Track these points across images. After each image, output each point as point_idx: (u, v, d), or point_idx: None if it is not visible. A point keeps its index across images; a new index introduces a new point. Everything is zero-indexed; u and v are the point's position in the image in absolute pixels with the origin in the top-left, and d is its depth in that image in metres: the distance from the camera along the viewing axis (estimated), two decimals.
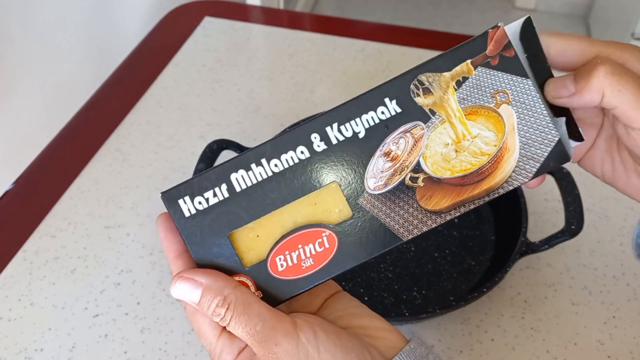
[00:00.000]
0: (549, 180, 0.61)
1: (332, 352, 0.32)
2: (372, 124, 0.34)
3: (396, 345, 0.34)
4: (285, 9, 1.11)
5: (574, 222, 0.55)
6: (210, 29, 0.95)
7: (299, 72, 0.86)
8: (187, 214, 0.34)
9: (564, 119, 0.35)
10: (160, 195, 0.34)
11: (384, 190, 0.34)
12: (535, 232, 0.63)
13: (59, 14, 1.01)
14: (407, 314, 0.55)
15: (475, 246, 0.61)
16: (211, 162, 0.62)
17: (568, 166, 0.60)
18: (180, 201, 0.34)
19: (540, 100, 0.34)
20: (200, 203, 0.34)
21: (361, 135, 0.34)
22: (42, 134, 0.78)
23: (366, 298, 0.57)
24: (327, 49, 0.90)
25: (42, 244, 0.63)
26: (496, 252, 0.60)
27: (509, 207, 0.60)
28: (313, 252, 0.34)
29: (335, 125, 0.34)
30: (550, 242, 0.55)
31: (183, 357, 0.54)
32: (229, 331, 0.33)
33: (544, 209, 0.66)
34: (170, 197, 0.34)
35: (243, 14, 0.99)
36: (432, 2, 2.53)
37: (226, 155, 0.65)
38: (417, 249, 0.61)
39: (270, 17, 1.00)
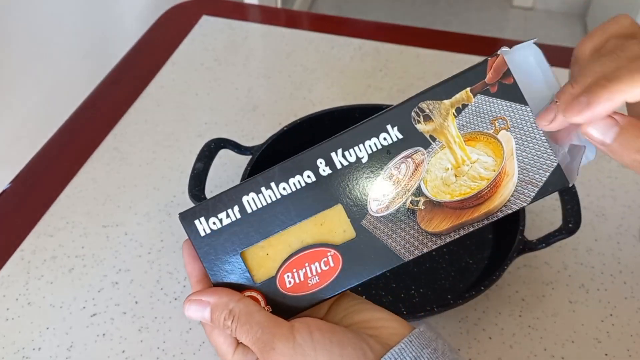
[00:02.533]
0: None
1: (328, 348, 0.33)
2: (374, 149, 0.35)
3: (398, 332, 0.35)
4: (282, 8, 1.11)
5: (572, 220, 0.55)
6: (208, 27, 0.95)
7: (297, 70, 0.86)
8: (202, 234, 0.36)
9: (566, 147, 0.35)
10: (178, 216, 0.37)
11: (386, 213, 0.36)
12: (533, 230, 0.63)
13: (56, 12, 1.01)
14: (405, 313, 0.55)
15: (472, 244, 0.61)
16: (209, 161, 0.62)
17: None
18: (197, 222, 0.36)
19: (538, 127, 0.34)
20: (214, 223, 0.36)
21: (364, 160, 0.35)
22: (39, 133, 0.78)
23: (364, 296, 0.57)
24: (325, 47, 0.90)
25: (39, 243, 0.63)
26: (494, 250, 0.61)
27: None
28: (319, 271, 0.36)
29: (339, 151, 0.35)
30: (548, 240, 0.55)
31: (181, 356, 0.54)
32: (242, 347, 0.35)
33: (542, 208, 0.66)
34: (187, 217, 0.36)
35: (241, 12, 0.99)
36: (430, 0, 2.53)
37: (224, 154, 0.65)
38: None
39: (268, 16, 1.00)
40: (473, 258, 0.60)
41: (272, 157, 0.63)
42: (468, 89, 0.35)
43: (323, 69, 0.86)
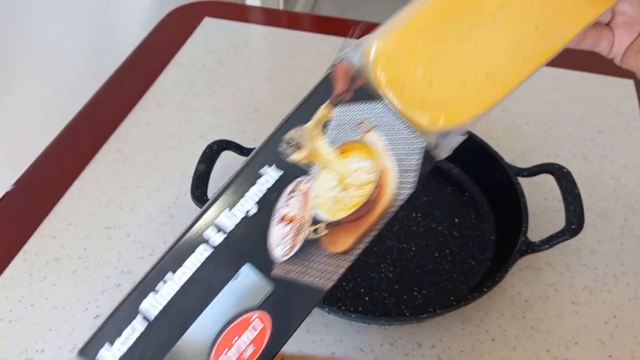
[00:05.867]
0: (550, 180, 0.61)
1: None
2: (260, 196, 0.34)
3: None
4: (284, 10, 1.11)
5: (574, 221, 0.55)
6: (210, 29, 0.95)
7: (298, 72, 0.86)
8: None
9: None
10: (76, 355, 0.32)
11: (292, 253, 0.35)
12: (536, 231, 0.63)
13: (59, 14, 1.01)
14: (407, 314, 0.55)
15: (475, 246, 0.61)
16: (211, 163, 0.62)
17: (569, 166, 0.60)
18: (102, 351, 0.33)
19: (398, 116, 0.35)
20: (122, 343, 0.33)
21: (253, 212, 0.34)
22: (42, 135, 0.78)
23: (367, 298, 0.57)
24: (327, 49, 0.90)
25: (42, 245, 0.63)
26: (496, 251, 0.60)
27: (509, 206, 0.60)
28: (251, 338, 0.34)
29: (226, 212, 0.34)
30: (551, 241, 0.55)
31: None
32: None
33: (544, 209, 0.66)
34: (90, 351, 0.32)
35: (243, 14, 0.99)
36: None
37: (227, 155, 0.65)
38: (417, 249, 0.61)
39: (270, 17, 1.00)
40: (476, 259, 0.60)
41: None
42: (324, 104, 0.35)
43: (324, 70, 0.86)
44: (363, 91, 0.35)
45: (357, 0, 2.54)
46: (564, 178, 0.58)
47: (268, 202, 0.34)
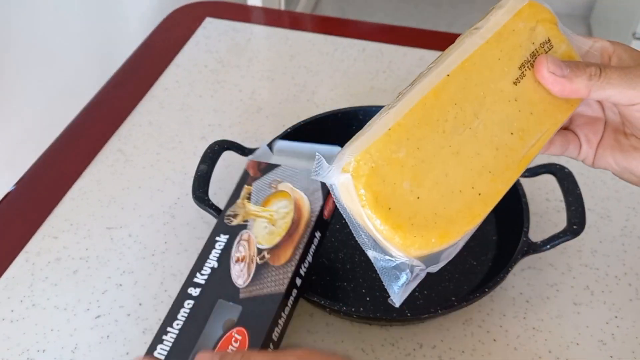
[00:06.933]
0: (551, 180, 0.61)
1: None
2: (217, 255, 0.51)
3: None
4: (286, 10, 1.11)
5: (576, 222, 0.55)
6: (212, 29, 0.95)
7: (300, 72, 0.86)
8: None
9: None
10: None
11: (250, 279, 0.48)
12: (537, 232, 0.63)
13: (60, 15, 1.01)
14: (409, 315, 0.55)
15: (476, 246, 0.61)
16: (213, 163, 0.62)
17: (571, 166, 0.60)
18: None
19: (294, 168, 0.53)
20: None
21: (216, 266, 0.50)
22: (44, 135, 0.78)
23: (368, 298, 0.57)
24: (328, 49, 0.90)
25: (44, 245, 0.64)
26: (498, 252, 0.60)
27: (511, 207, 0.60)
28: (234, 349, 0.45)
29: (198, 274, 0.50)
30: (552, 242, 0.55)
31: None
32: None
33: (546, 209, 0.66)
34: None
35: (244, 14, 0.99)
36: (433, 2, 2.53)
37: (227, 156, 0.65)
38: None
39: (271, 17, 1.00)
40: (477, 260, 0.60)
41: None
42: (245, 185, 0.54)
43: (326, 70, 0.86)
44: (266, 167, 0.54)
45: (358, 1, 2.54)
46: (565, 178, 0.58)
47: (224, 256, 0.50)
